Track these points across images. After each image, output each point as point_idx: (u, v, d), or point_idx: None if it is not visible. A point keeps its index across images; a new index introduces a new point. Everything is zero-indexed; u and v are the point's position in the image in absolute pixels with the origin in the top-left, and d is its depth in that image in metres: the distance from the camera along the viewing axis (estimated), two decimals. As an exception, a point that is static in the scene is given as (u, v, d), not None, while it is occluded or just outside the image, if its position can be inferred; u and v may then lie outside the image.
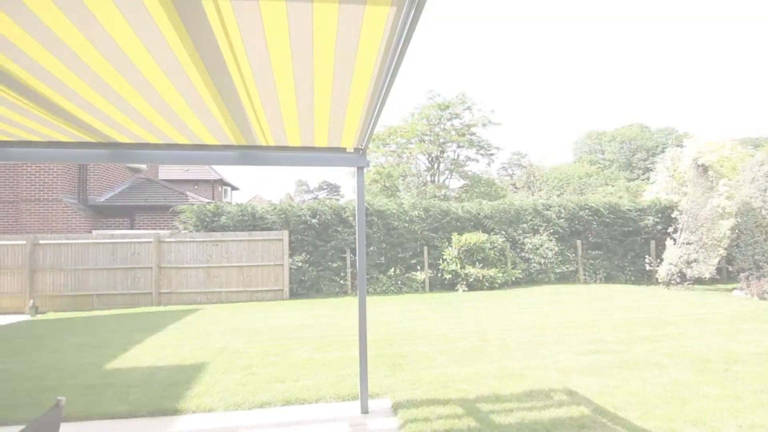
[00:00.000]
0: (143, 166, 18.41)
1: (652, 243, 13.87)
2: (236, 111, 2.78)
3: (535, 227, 14.12)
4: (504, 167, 57.39)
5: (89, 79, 2.27)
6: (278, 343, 6.58)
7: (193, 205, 12.84)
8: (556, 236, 13.98)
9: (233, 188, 28.28)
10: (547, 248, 13.70)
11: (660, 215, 14.32)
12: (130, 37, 1.88)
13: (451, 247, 13.05)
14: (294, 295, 12.28)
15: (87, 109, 2.68)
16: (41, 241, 11.24)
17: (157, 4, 1.65)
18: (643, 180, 42.56)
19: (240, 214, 12.67)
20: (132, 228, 15.32)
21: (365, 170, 3.96)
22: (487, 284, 12.34)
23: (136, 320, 9.13)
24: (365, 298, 4.01)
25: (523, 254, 13.93)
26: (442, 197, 27.77)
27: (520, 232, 14.08)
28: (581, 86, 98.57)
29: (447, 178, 30.06)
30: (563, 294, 11.21)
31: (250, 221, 12.69)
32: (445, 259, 12.99)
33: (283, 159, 3.89)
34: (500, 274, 12.60)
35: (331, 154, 3.90)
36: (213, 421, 3.91)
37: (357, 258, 4.03)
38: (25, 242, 11.12)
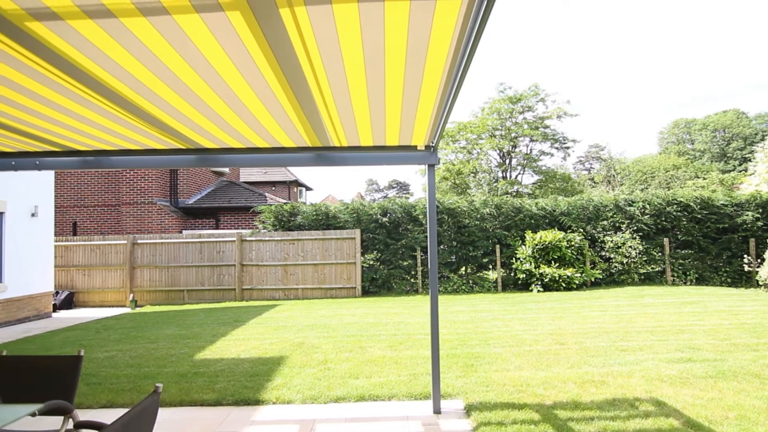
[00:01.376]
0: (226, 170, 19.78)
1: (752, 241, 12.39)
2: (311, 114, 2.87)
3: (617, 224, 13.16)
4: (581, 161, 54.17)
5: (181, 91, 2.46)
6: (352, 340, 6.73)
7: (271, 205, 13.55)
8: (640, 234, 12.94)
9: (307, 189, 29.42)
10: (630, 247, 12.71)
11: (761, 210, 12.72)
12: (215, 50, 2.00)
13: (525, 245, 12.56)
14: (366, 292, 12.51)
15: (178, 118, 2.91)
16: (139, 241, 12.49)
17: (240, 17, 1.73)
18: (740, 172, 38.07)
19: (314, 213, 13.17)
20: (217, 228, 16.50)
21: (435, 167, 3.93)
22: (563, 285, 11.73)
23: (222, 314, 9.81)
24: (437, 297, 3.97)
25: (603, 253, 13.05)
26: (514, 194, 26.87)
27: (600, 229, 13.20)
28: (666, 71, 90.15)
29: (519, 173, 28.99)
30: (648, 296, 10.34)
31: (324, 220, 13.15)
32: (519, 258, 12.53)
33: (355, 159, 3.96)
34: (578, 274, 11.92)
35: (402, 153, 3.90)
36: (291, 413, 4.08)
37: (428, 256, 4.00)
38: (125, 242, 12.43)
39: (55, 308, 11.46)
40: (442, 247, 12.99)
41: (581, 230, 13.08)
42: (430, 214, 3.96)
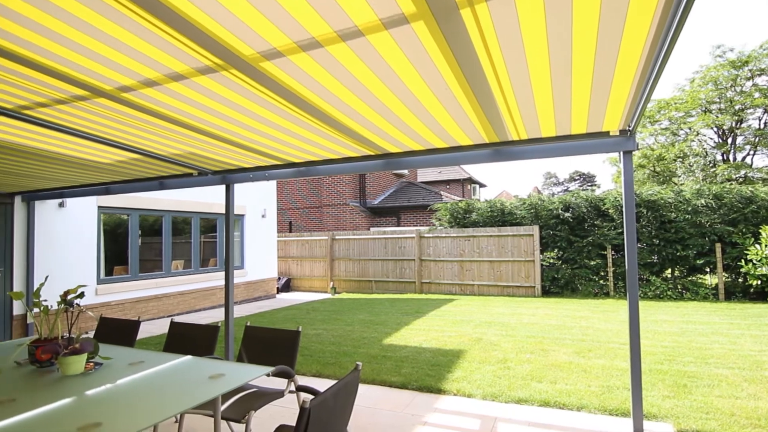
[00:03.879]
0: (406, 172, 21.16)
1: None
2: (489, 109, 2.86)
3: None
4: None
5: (370, 101, 2.73)
6: (533, 341, 6.44)
7: (446, 203, 13.94)
8: None
9: (481, 185, 29.16)
10: None
11: None
12: (400, 60, 2.17)
13: (760, 244, 10.02)
14: (546, 292, 11.78)
15: (368, 126, 3.24)
16: (337, 237, 14.32)
17: (423, 25, 1.84)
18: None
19: (489, 210, 13.03)
20: (398, 225, 17.76)
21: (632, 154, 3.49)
22: (824, 297, 8.97)
23: (404, 305, 10.50)
24: (637, 302, 3.49)
25: None
26: (741, 180, 21.69)
27: None
28: None
29: (749, 154, 23.26)
30: None
31: (499, 217, 12.87)
32: (751, 260, 10.07)
33: (535, 152, 3.77)
34: None
35: (591, 141, 3.55)
36: (472, 406, 4.13)
37: (625, 256, 3.56)
38: (327, 238, 14.41)
39: (278, 291, 14.04)
40: (640, 245, 11.33)
41: None
42: (627, 207, 3.51)
